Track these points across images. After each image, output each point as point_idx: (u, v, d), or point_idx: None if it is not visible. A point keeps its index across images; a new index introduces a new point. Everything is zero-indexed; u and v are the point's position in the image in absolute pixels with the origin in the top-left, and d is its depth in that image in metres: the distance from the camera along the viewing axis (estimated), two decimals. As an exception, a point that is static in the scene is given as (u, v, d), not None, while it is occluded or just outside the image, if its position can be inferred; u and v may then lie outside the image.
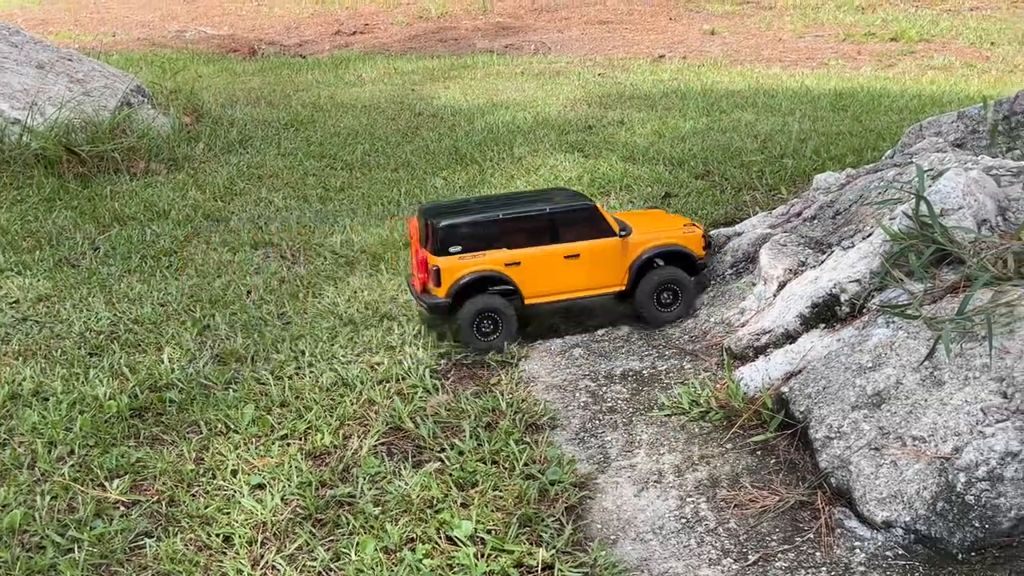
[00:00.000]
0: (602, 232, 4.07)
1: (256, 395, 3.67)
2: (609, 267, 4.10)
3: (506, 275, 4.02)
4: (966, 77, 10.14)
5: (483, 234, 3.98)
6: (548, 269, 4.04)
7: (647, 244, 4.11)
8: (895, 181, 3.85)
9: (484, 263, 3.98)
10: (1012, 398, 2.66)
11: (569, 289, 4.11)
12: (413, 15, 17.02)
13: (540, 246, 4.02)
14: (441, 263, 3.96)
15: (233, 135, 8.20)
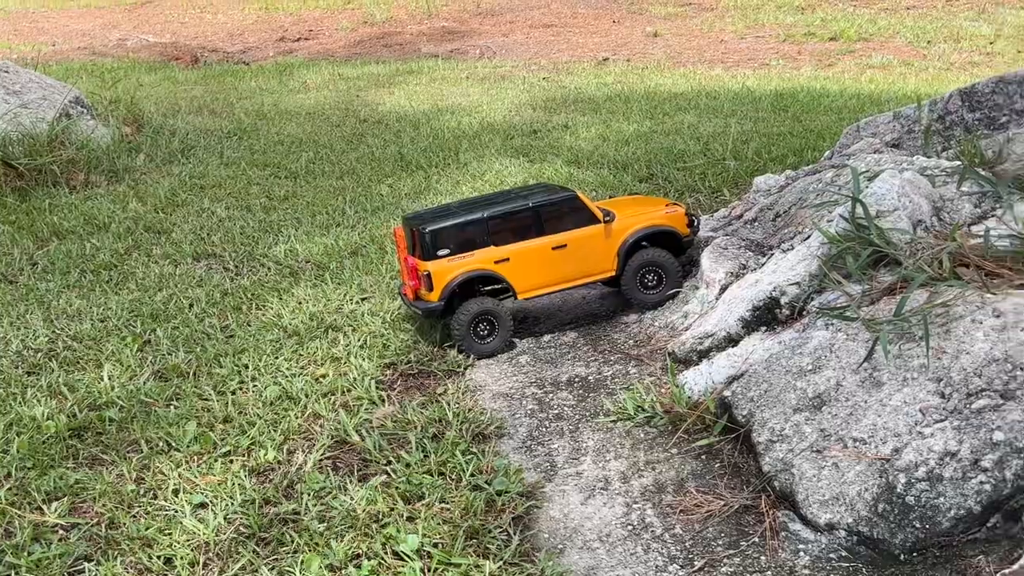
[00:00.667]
0: (586, 220, 4.10)
1: (198, 411, 3.62)
2: (597, 254, 4.13)
3: (497, 272, 4.05)
4: (904, 76, 10.30)
5: (470, 235, 4.02)
6: (537, 262, 4.07)
7: (632, 227, 4.15)
8: (832, 183, 3.89)
9: (474, 263, 4.02)
10: (949, 398, 2.69)
11: (560, 280, 4.14)
12: (358, 20, 16.94)
13: (527, 240, 4.05)
14: (431, 267, 3.99)
15: (175, 145, 8.10)
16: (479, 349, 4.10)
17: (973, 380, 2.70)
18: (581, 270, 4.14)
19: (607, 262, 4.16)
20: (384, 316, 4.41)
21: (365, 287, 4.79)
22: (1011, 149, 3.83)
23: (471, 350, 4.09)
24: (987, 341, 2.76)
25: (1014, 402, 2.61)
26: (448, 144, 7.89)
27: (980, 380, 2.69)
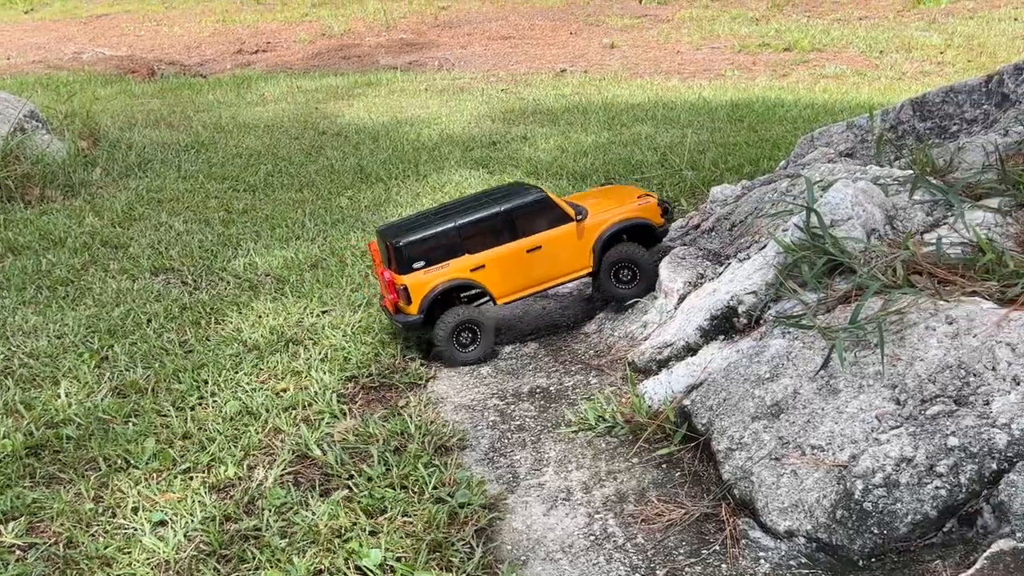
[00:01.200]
0: (559, 219, 4.10)
1: (157, 428, 3.59)
2: (573, 252, 4.13)
3: (473, 280, 4.05)
4: (857, 85, 10.45)
5: (443, 245, 4.01)
6: (513, 266, 4.07)
7: (606, 223, 4.14)
8: (787, 192, 3.95)
9: (449, 273, 4.02)
10: (905, 404, 2.74)
11: (538, 281, 4.15)
12: (316, 32, 16.88)
13: (501, 245, 4.05)
14: (407, 281, 3.99)
15: (132, 159, 8.03)
16: (462, 358, 4.11)
17: (927, 386, 2.74)
18: (558, 270, 4.15)
19: (583, 259, 4.16)
20: (345, 329, 4.40)
21: (326, 300, 4.77)
22: (962, 158, 3.90)
23: (454, 359, 4.10)
24: (940, 348, 2.80)
25: (967, 408, 2.65)
26: (407, 156, 7.90)
27: (934, 386, 2.74)
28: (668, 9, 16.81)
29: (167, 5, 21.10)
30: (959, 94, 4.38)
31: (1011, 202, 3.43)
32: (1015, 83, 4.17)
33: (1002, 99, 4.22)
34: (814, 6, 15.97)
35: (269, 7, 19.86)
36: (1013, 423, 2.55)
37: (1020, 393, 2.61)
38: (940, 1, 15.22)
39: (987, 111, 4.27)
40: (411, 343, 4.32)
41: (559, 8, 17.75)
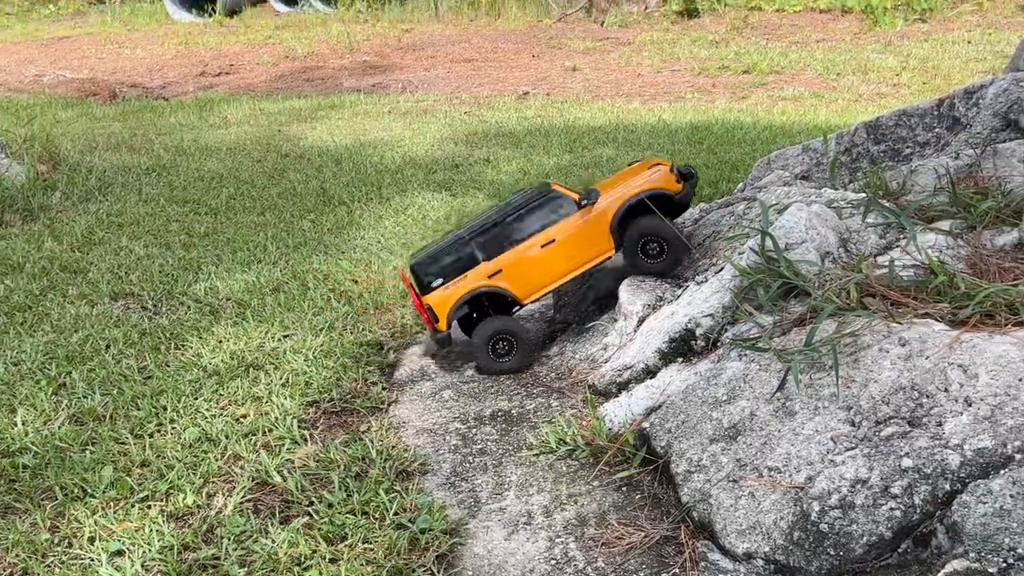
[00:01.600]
0: (568, 210, 4.08)
1: (115, 456, 3.56)
2: (589, 239, 4.09)
3: (494, 286, 4.07)
4: (814, 107, 10.59)
5: (457, 259, 4.06)
6: (531, 264, 4.08)
7: (617, 203, 4.06)
8: (744, 215, 3.99)
9: (468, 284, 4.06)
10: (859, 426, 2.77)
11: (560, 274, 4.14)
12: (279, 55, 16.85)
13: (515, 247, 4.06)
14: (430, 300, 4.07)
15: (92, 182, 7.96)
16: (498, 367, 4.15)
17: (881, 408, 2.78)
18: (578, 259, 4.12)
19: (602, 244, 4.11)
20: (307, 353, 4.39)
21: (287, 324, 4.76)
22: (914, 180, 3.97)
23: (490, 369, 4.16)
24: (894, 369, 2.85)
25: (921, 429, 2.69)
26: (370, 179, 7.90)
27: (888, 408, 2.78)
28: (629, 32, 16.96)
29: (129, 27, 21.00)
30: (912, 117, 4.47)
31: (962, 224, 3.50)
32: (965, 107, 4.26)
33: (953, 122, 4.30)
34: (772, 29, 16.19)
35: (232, 29, 19.81)
36: (965, 444, 2.59)
37: (972, 414, 2.65)
38: (895, 24, 15.48)
39: (939, 134, 4.36)
40: (372, 367, 4.32)
41: (522, 31, 17.86)
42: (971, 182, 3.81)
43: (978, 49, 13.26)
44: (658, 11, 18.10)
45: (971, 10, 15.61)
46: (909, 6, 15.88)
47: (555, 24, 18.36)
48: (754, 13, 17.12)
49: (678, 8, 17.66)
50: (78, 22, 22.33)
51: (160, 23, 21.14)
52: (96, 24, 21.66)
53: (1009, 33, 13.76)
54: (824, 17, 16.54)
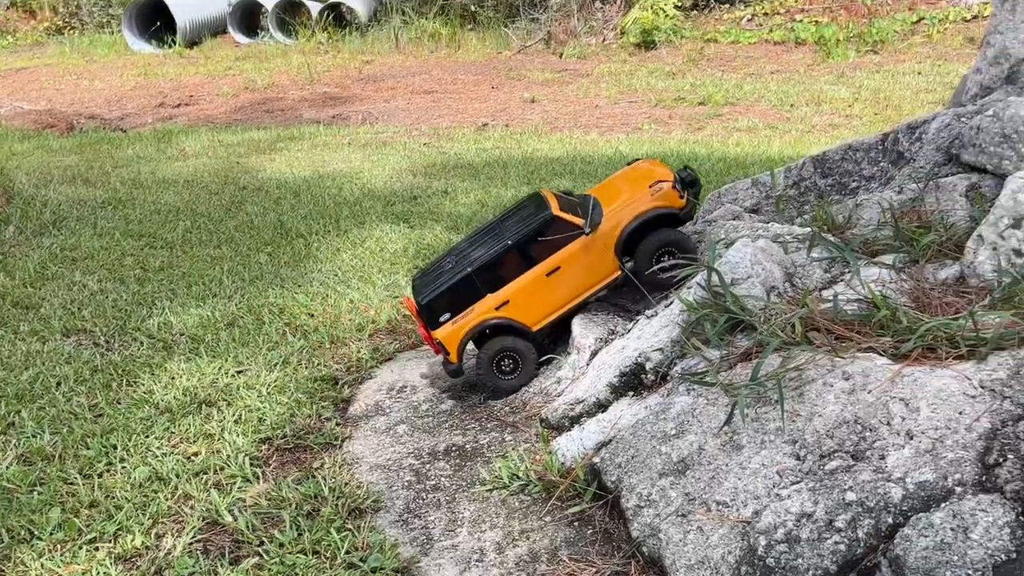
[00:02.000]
0: (571, 236, 4.07)
1: (63, 496, 3.52)
2: (594, 263, 4.10)
3: (502, 317, 4.10)
4: (769, 138, 10.73)
5: (463, 293, 4.09)
6: (537, 293, 4.10)
7: (621, 225, 4.05)
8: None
9: (476, 317, 4.09)
10: (804, 459, 2.81)
11: (567, 300, 4.15)
12: (239, 86, 16.82)
13: (520, 277, 4.08)
14: (439, 335, 4.10)
15: (46, 216, 7.90)
16: (503, 385, 4.19)
17: (826, 442, 2.82)
18: (585, 283, 4.14)
19: (608, 267, 4.12)
20: (260, 389, 4.38)
21: (241, 359, 4.74)
22: (859, 214, 4.04)
23: (495, 386, 4.19)
24: (838, 403, 2.89)
25: (864, 462, 2.73)
26: (329, 211, 7.89)
27: (832, 441, 2.81)
28: (587, 64, 17.10)
29: (88, 58, 20.87)
30: (857, 151, 4.55)
31: (905, 258, 3.56)
32: (909, 141, 4.34)
33: (898, 156, 4.38)
34: (728, 61, 16.40)
35: (192, 60, 19.75)
36: (907, 477, 2.63)
37: (914, 447, 2.69)
38: (848, 56, 15.75)
39: (884, 168, 4.44)
40: (327, 402, 4.32)
41: (481, 63, 17.96)
42: (914, 216, 3.88)
43: (928, 80, 13.51)
44: (616, 43, 18.29)
45: (921, 42, 15.92)
46: (861, 38, 16.16)
47: (514, 56, 18.49)
48: (710, 45, 17.35)
49: (635, 40, 17.85)
50: (36, 53, 22.16)
51: (119, 54, 21.02)
52: (55, 55, 21.51)
53: (958, 64, 14.04)
54: (778, 49, 16.80)
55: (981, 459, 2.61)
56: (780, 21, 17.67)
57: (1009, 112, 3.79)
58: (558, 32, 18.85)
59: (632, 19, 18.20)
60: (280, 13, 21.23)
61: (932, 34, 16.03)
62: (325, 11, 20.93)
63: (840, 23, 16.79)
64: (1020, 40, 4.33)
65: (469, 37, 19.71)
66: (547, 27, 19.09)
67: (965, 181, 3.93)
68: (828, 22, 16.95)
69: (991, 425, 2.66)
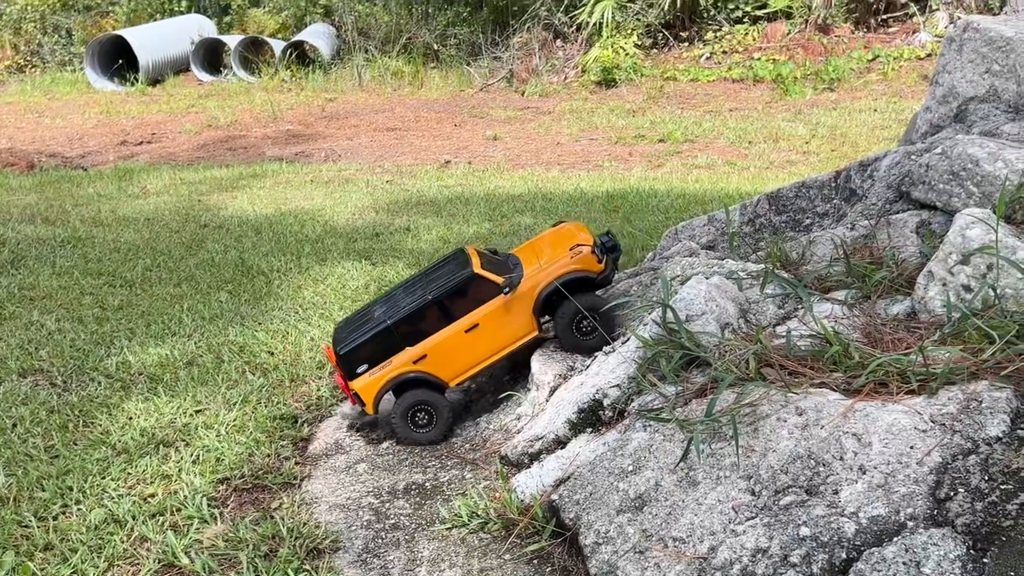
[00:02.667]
0: (492, 293, 4.10)
1: (17, 540, 3.47)
2: (512, 322, 4.13)
3: (418, 371, 4.12)
4: (727, 174, 10.86)
5: (381, 345, 4.10)
6: (455, 349, 4.11)
7: (539, 286, 4.10)
8: (651, 285, 4.08)
9: (394, 370, 4.12)
10: (759, 495, 2.83)
11: (483, 356, 4.17)
12: (202, 123, 16.80)
13: (439, 332, 4.10)
14: (356, 386, 4.12)
15: (4, 255, 7.83)
16: (418, 438, 4.18)
17: (780, 477, 2.85)
18: (502, 341, 4.16)
19: (526, 325, 4.16)
20: (219, 428, 4.35)
21: (200, 399, 4.71)
22: (813, 251, 4.11)
23: (410, 439, 4.18)
24: (791, 439, 2.92)
25: (818, 497, 2.76)
26: (290, 248, 7.89)
27: (786, 477, 2.84)
28: (549, 101, 17.27)
29: (50, 96, 20.77)
30: (811, 189, 4.63)
31: (857, 294, 3.62)
32: (861, 179, 4.43)
33: (850, 194, 4.46)
34: (687, 98, 16.63)
35: (154, 98, 19.72)
36: (860, 512, 2.66)
37: (866, 482, 2.73)
38: (805, 93, 16.01)
39: (837, 205, 4.52)
40: (286, 441, 4.30)
41: (444, 100, 18.08)
42: (866, 252, 3.95)
43: (883, 117, 13.76)
44: (577, 81, 18.49)
45: (877, 79, 16.22)
46: (818, 76, 16.45)
47: (477, 94, 18.63)
48: (669, 83, 17.58)
49: (596, 78, 18.06)
50: (-4, 91, 22.03)
51: (81, 92, 20.95)
52: (16, 93, 21.39)
53: (912, 102, 14.31)
54: (737, 86, 17.05)
55: (932, 493, 2.65)
56: (738, 59, 17.95)
57: (957, 150, 3.88)
58: (520, 70, 19.04)
59: (593, 57, 18.43)
60: (243, 51, 21.28)
61: (887, 72, 16.35)
62: (288, 49, 21.00)
63: (797, 61, 17.09)
64: (967, 79, 4.44)
65: (432, 75, 19.85)
66: (509, 65, 19.28)
67: (916, 218, 4.01)
68: (785, 60, 17.25)
69: (942, 459, 2.70)
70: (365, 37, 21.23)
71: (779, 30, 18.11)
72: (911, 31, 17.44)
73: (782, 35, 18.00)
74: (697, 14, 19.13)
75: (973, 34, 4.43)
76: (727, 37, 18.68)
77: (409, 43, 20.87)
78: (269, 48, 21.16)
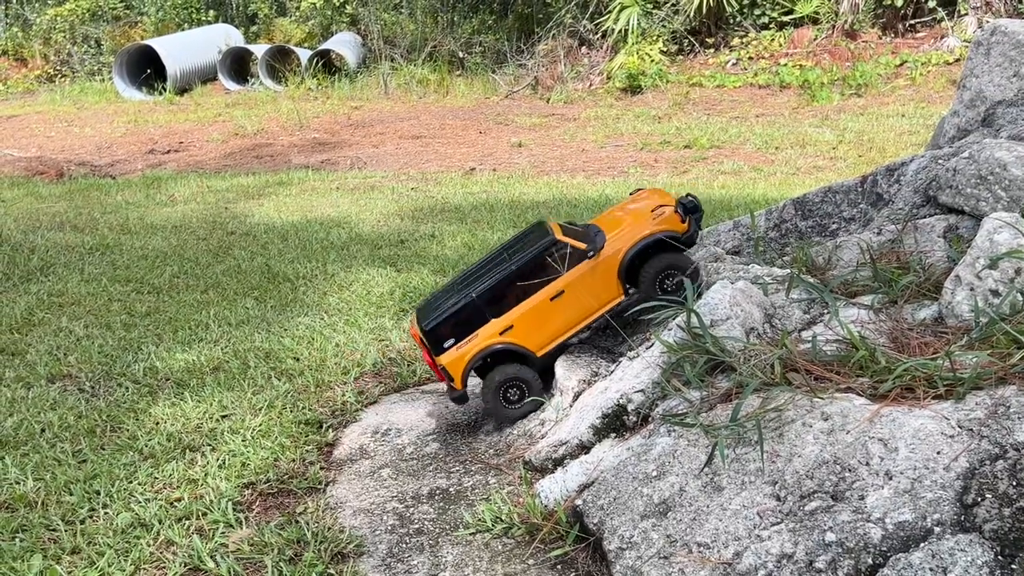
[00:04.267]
0: (575, 259, 4.07)
1: (45, 543, 3.50)
2: (597, 287, 4.09)
3: (506, 343, 4.09)
4: (753, 180, 10.82)
5: (466, 319, 4.08)
6: (541, 318, 4.09)
7: (623, 249, 4.05)
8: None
9: (480, 343, 4.09)
10: (784, 500, 2.82)
11: (571, 325, 4.14)
12: (229, 132, 16.94)
13: (523, 302, 4.08)
14: (444, 361, 4.10)
15: (34, 262, 7.92)
16: (509, 414, 4.20)
17: (805, 482, 2.83)
18: (588, 308, 4.13)
19: (611, 291, 4.11)
20: (244, 434, 4.37)
21: (226, 404, 4.74)
22: (839, 256, 4.08)
23: (503, 416, 4.20)
24: (817, 444, 2.90)
25: (844, 503, 2.74)
26: (316, 255, 7.93)
27: (812, 482, 2.82)
28: (574, 108, 17.29)
29: (79, 106, 21.00)
30: (837, 194, 4.60)
31: (883, 299, 3.59)
32: (887, 183, 4.40)
33: (876, 199, 4.43)
34: (713, 104, 16.59)
35: (182, 107, 19.90)
36: (887, 517, 2.64)
37: (892, 488, 2.70)
38: (832, 99, 15.94)
39: (863, 210, 4.49)
40: (311, 446, 4.31)
41: (469, 108, 18.14)
42: (893, 257, 3.92)
43: (911, 122, 13.67)
44: (602, 88, 18.49)
45: (904, 85, 16.12)
46: (845, 81, 16.37)
47: (502, 101, 18.68)
48: (695, 89, 17.56)
49: (621, 85, 18.05)
50: (27, 101, 22.30)
51: (110, 101, 21.17)
52: (45, 103, 21.65)
53: (940, 107, 14.22)
54: (763, 92, 17.00)
55: (960, 499, 2.62)
56: (765, 65, 17.90)
57: (985, 154, 3.85)
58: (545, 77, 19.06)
59: (618, 64, 18.43)
60: (270, 60, 21.43)
61: (915, 77, 16.25)
62: (314, 58, 21.13)
63: (824, 67, 17.02)
64: (995, 83, 4.40)
65: (457, 83, 19.91)
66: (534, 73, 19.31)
67: (943, 222, 3.97)
68: (812, 66, 17.19)
69: (969, 465, 2.68)
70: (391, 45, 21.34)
71: (806, 35, 18.05)
72: (939, 36, 17.33)
73: (809, 41, 17.94)
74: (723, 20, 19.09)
75: (1001, 37, 4.39)
76: (753, 43, 18.63)
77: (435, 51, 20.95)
78: (296, 57, 21.31)
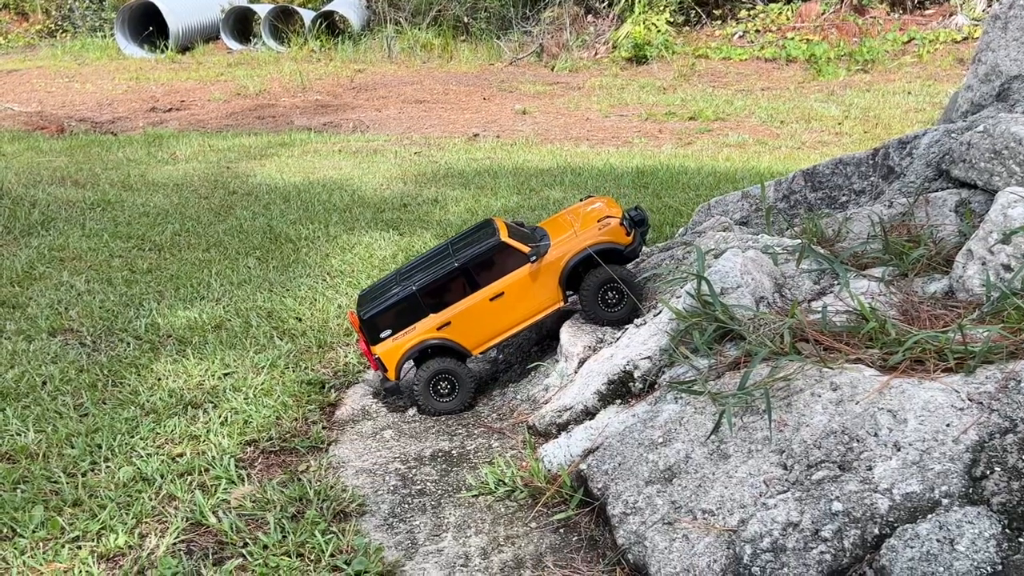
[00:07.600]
0: (517, 262, 4.07)
1: (46, 495, 3.49)
2: (538, 291, 4.10)
3: (442, 338, 4.10)
4: (758, 153, 10.77)
5: (406, 310, 4.09)
6: (480, 317, 4.09)
7: (565, 256, 4.06)
8: (683, 260, 4.05)
9: (417, 336, 4.11)
10: (791, 469, 2.81)
11: (508, 326, 4.15)
12: (231, 92, 16.82)
13: (463, 299, 4.08)
14: (379, 351, 4.11)
15: (35, 216, 7.87)
16: (440, 407, 4.19)
17: (813, 452, 2.82)
18: (527, 311, 4.14)
19: (551, 295, 4.11)
20: (247, 392, 4.36)
21: (228, 362, 4.72)
22: (849, 228, 4.06)
23: (431, 408, 4.19)
24: (825, 414, 2.89)
25: (851, 473, 2.74)
26: (318, 216, 7.89)
27: (819, 452, 2.82)
28: (579, 77, 17.18)
29: (80, 61, 20.84)
30: (848, 166, 4.57)
31: (894, 271, 3.58)
32: (899, 156, 4.37)
33: (888, 172, 4.40)
34: (719, 77, 16.49)
35: (184, 65, 19.75)
36: (894, 488, 2.63)
37: (900, 459, 2.70)
38: (839, 74, 15.85)
39: (874, 183, 4.46)
40: (313, 406, 4.30)
41: (473, 74, 18.02)
42: (904, 230, 3.90)
43: (918, 100, 13.60)
44: (607, 57, 18.37)
45: (911, 62, 16.03)
46: (852, 57, 16.27)
47: (506, 68, 18.55)
48: (701, 61, 17.45)
49: (627, 55, 17.93)
50: (28, 55, 22.12)
51: (111, 58, 20.99)
52: (46, 58, 21.47)
53: (947, 84, 14.14)
54: (769, 66, 16.90)
55: (968, 471, 2.62)
56: (771, 38, 17.78)
57: (1000, 128, 3.82)
58: (550, 45, 18.93)
59: (624, 34, 18.30)
60: (273, 20, 21.25)
61: (922, 54, 16.15)
62: (318, 19, 20.96)
63: (831, 42, 16.91)
64: (1011, 58, 4.36)
65: (461, 48, 19.77)
66: (539, 40, 19.17)
67: (955, 196, 3.95)
68: (819, 40, 17.07)
69: (978, 437, 2.67)
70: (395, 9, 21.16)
71: (813, 10, 17.92)
72: (948, 13, 17.22)
73: (816, 15, 17.82)
74: (730, -8, 18.95)
75: (1020, 11, 4.35)
76: (760, 16, 18.51)
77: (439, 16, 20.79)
78: (299, 18, 21.13)
